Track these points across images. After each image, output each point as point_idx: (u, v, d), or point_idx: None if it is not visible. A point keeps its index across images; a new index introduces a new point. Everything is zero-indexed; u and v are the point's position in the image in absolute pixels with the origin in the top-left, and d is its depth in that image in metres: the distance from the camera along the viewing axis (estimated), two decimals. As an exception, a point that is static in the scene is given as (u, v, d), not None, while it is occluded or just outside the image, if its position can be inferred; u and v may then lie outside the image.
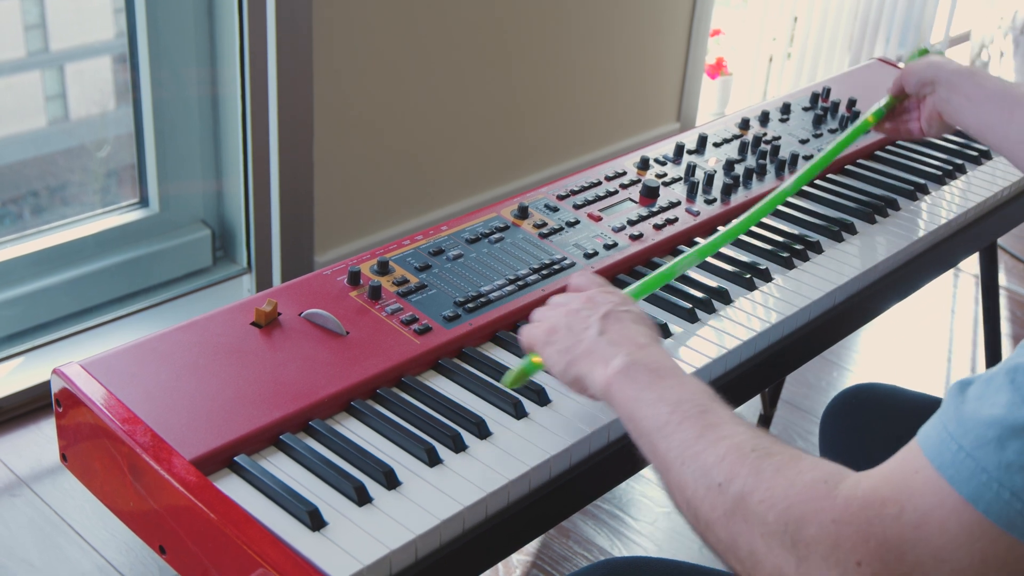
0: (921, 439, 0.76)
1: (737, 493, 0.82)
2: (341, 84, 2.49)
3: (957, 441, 0.72)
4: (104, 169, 2.47)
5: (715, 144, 1.71)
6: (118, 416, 1.08)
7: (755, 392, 1.42)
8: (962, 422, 0.73)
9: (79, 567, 1.89)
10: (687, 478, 0.87)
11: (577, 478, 1.14)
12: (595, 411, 1.16)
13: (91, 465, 1.14)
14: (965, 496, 0.71)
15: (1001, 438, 0.70)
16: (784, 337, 1.36)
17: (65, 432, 1.16)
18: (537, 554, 2.00)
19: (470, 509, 1.04)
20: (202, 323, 1.21)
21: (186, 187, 2.49)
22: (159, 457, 1.04)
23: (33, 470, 2.09)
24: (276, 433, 1.10)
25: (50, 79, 2.42)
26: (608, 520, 2.09)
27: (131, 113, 2.41)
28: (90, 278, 2.36)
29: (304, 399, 1.12)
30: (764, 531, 0.79)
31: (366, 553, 0.97)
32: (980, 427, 0.71)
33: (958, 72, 1.42)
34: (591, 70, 3.10)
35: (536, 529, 1.14)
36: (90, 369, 1.13)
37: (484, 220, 1.44)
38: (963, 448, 0.72)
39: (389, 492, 1.04)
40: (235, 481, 1.05)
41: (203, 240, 2.51)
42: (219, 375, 1.14)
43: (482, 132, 2.87)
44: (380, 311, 1.25)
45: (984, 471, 0.70)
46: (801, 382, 2.54)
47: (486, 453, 1.10)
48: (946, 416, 0.75)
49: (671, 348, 1.28)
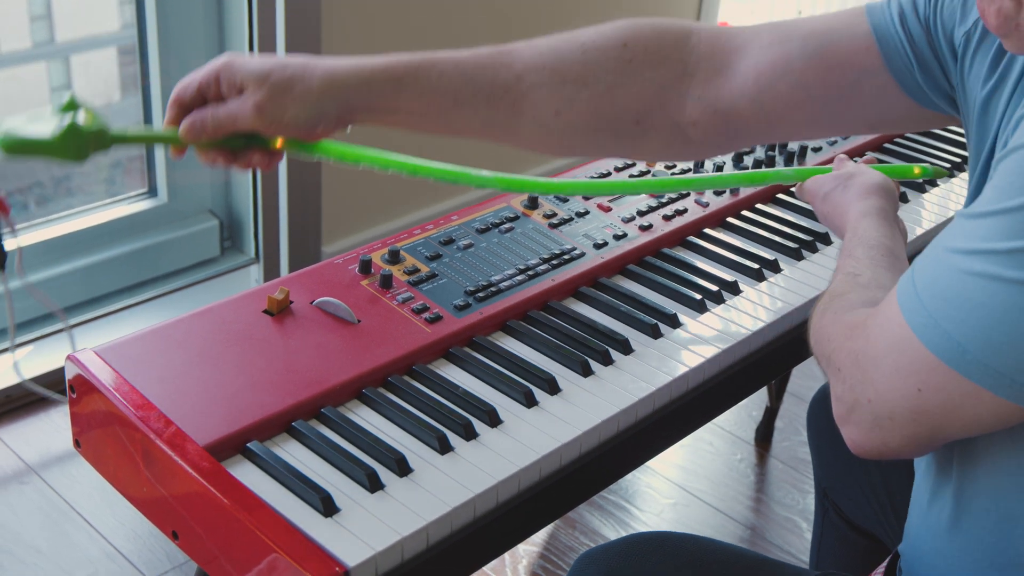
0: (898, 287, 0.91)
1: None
2: (349, 75, 2.50)
3: (918, 291, 0.87)
4: (110, 160, 2.48)
5: (724, 136, 1.71)
6: (132, 402, 1.08)
7: (763, 383, 1.43)
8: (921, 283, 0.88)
9: (87, 554, 1.90)
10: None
11: (586, 467, 1.14)
12: (604, 401, 1.17)
13: (104, 451, 1.14)
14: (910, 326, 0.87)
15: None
16: (792, 328, 1.36)
17: (79, 418, 1.17)
18: (544, 544, 2.01)
19: (481, 497, 1.05)
20: (215, 311, 1.22)
21: (194, 177, 2.49)
22: (172, 443, 1.04)
23: (42, 457, 2.10)
24: (288, 420, 1.10)
25: (56, 70, 2.42)
26: (614, 511, 2.10)
27: (137, 104, 2.42)
28: (98, 267, 2.37)
29: (316, 386, 1.13)
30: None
31: (378, 539, 0.98)
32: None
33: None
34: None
35: (546, 517, 1.15)
36: (104, 356, 1.14)
37: (494, 210, 1.45)
38: (919, 293, 0.87)
39: (401, 479, 1.05)
40: (248, 467, 1.06)
41: (211, 230, 2.52)
42: (232, 362, 1.15)
43: (489, 124, 2.88)
44: (391, 300, 1.26)
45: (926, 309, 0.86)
46: (807, 374, 2.54)
47: (497, 441, 1.11)
48: (915, 270, 0.89)
49: (680, 339, 1.28)
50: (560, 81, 1.05)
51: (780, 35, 1.06)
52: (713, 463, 2.25)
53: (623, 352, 1.25)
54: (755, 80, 1.05)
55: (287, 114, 1.01)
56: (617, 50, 1.06)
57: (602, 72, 1.05)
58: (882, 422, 0.90)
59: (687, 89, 1.06)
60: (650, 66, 1.06)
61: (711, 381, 1.27)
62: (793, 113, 1.06)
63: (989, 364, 0.83)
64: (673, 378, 1.22)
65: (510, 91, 1.05)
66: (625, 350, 1.25)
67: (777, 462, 2.28)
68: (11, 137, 0.98)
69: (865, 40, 1.04)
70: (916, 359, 0.86)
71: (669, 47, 1.07)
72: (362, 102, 1.03)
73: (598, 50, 1.06)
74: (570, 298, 1.34)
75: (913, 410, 0.88)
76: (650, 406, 1.20)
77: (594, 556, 1.14)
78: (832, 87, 1.05)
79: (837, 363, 0.96)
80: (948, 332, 0.84)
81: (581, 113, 1.06)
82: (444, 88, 1.04)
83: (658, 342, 1.27)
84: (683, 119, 1.08)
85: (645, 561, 1.12)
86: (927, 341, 0.85)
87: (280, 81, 1.01)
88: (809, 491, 2.19)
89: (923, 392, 0.87)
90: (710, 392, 1.27)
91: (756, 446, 2.32)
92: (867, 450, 0.93)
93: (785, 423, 2.38)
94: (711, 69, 1.06)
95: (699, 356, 1.26)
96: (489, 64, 1.05)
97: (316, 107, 1.02)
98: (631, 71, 1.06)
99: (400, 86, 1.03)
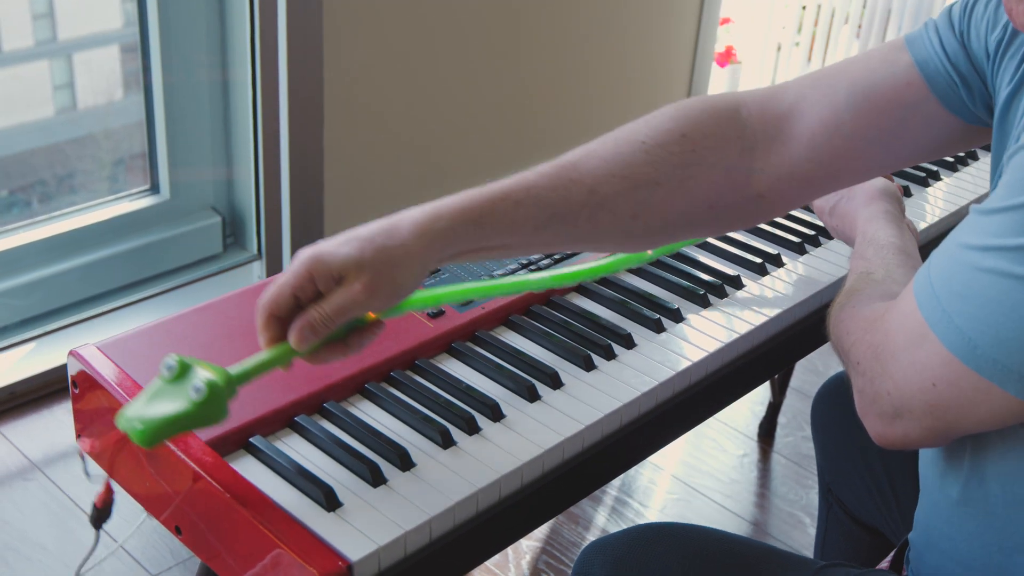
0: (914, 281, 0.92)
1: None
2: (352, 72, 2.50)
3: (933, 286, 0.88)
4: (113, 158, 2.48)
5: (726, 131, 1.71)
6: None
7: (765, 378, 1.43)
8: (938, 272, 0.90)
9: (91, 551, 1.90)
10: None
11: (589, 461, 1.14)
12: (607, 396, 1.17)
13: (107, 446, 1.15)
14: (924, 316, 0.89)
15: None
16: (795, 323, 1.36)
17: (81, 413, 1.17)
18: (547, 540, 2.01)
19: (484, 491, 1.05)
20: (217, 306, 1.22)
21: (197, 174, 2.49)
22: (175, 438, 1.04)
23: (46, 454, 2.10)
24: (291, 415, 1.10)
25: (58, 68, 2.42)
26: (617, 507, 2.10)
27: (139, 102, 2.42)
28: (100, 264, 2.37)
29: (319, 381, 1.13)
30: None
31: (381, 533, 0.98)
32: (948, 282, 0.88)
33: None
34: (600, 58, 3.10)
35: (549, 512, 1.15)
36: (106, 351, 1.14)
37: (496, 205, 1.44)
38: (935, 288, 0.88)
39: (404, 474, 1.05)
40: (251, 462, 1.06)
41: (213, 227, 2.52)
42: (234, 357, 1.14)
43: (492, 120, 2.88)
44: (393, 295, 1.26)
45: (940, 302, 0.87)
46: (810, 370, 2.54)
47: (499, 436, 1.11)
48: (931, 263, 0.91)
49: (682, 333, 1.28)
50: (632, 187, 1.05)
51: (825, 90, 1.07)
52: (716, 459, 2.25)
53: (626, 347, 1.25)
54: (810, 141, 1.06)
55: (396, 285, 0.99)
56: (678, 143, 1.07)
57: (670, 168, 1.06)
58: (902, 414, 0.92)
59: (750, 164, 1.08)
60: (711, 151, 1.07)
61: (714, 375, 1.27)
62: (852, 162, 1.07)
63: (999, 360, 0.84)
64: (676, 372, 1.22)
65: (586, 206, 1.04)
66: (628, 344, 1.25)
67: (780, 458, 2.28)
68: (150, 423, 0.92)
69: (907, 74, 1.06)
70: (931, 354, 0.88)
71: (724, 126, 1.08)
72: (451, 249, 1.01)
73: (660, 147, 1.06)
74: (573, 292, 1.34)
75: (929, 404, 0.89)
76: (653, 400, 1.20)
77: (601, 546, 1.15)
78: (884, 130, 1.06)
79: (856, 357, 0.97)
80: (960, 328, 0.85)
81: (657, 212, 1.07)
82: (523, 219, 1.02)
83: (661, 336, 1.27)
84: (751, 192, 1.09)
85: (652, 551, 1.13)
86: (941, 336, 0.87)
87: (379, 257, 0.98)
88: (812, 487, 2.19)
89: (938, 387, 0.88)
90: (713, 386, 1.27)
91: (759, 442, 2.32)
92: (891, 441, 0.95)
93: (788, 419, 2.38)
94: (767, 139, 1.07)
95: (702, 350, 1.25)
96: (559, 184, 1.04)
97: (420, 269, 0.99)
98: (696, 160, 1.07)
99: (481, 227, 1.01)
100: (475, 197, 1.02)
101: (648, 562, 1.12)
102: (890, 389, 0.92)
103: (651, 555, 1.13)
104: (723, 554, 1.13)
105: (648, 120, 1.09)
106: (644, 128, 1.08)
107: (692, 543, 1.14)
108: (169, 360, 0.94)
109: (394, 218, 1.00)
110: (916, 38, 1.07)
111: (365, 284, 0.96)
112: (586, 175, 1.05)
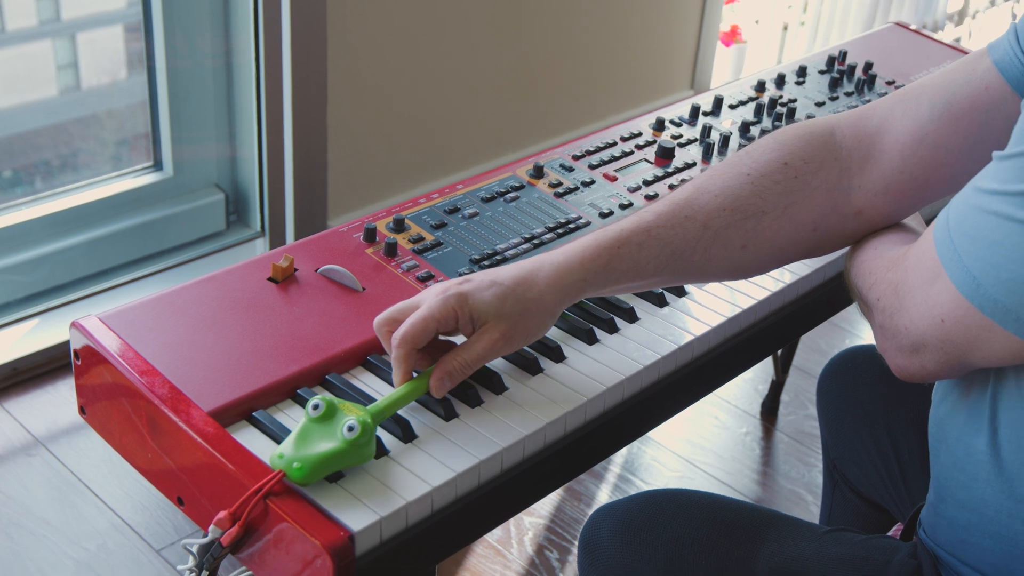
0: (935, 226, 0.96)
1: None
2: (355, 49, 2.49)
3: (949, 227, 0.93)
4: (116, 138, 2.47)
5: (731, 106, 1.71)
6: (136, 368, 1.09)
7: (767, 353, 1.43)
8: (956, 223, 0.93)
9: (95, 525, 1.90)
10: None
11: (591, 434, 1.14)
12: (609, 369, 1.17)
13: (110, 418, 1.15)
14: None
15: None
16: (798, 298, 1.36)
17: (84, 385, 1.17)
18: (550, 517, 2.02)
19: (486, 463, 1.05)
20: (220, 278, 1.21)
21: (200, 151, 2.49)
22: (177, 409, 1.04)
23: (49, 430, 2.10)
24: (293, 387, 1.10)
25: (61, 48, 2.41)
26: (621, 484, 2.10)
27: (143, 82, 2.41)
28: (104, 241, 2.37)
29: (321, 353, 1.13)
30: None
31: (383, 504, 0.98)
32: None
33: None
34: (604, 37, 3.08)
35: (550, 484, 1.15)
36: (108, 322, 1.14)
37: (500, 179, 1.44)
38: (950, 229, 0.92)
39: (405, 445, 1.05)
40: (253, 433, 1.06)
41: (217, 204, 2.52)
42: (236, 329, 1.15)
43: (495, 99, 2.87)
44: (396, 268, 1.26)
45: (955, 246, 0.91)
46: (813, 348, 2.54)
47: (502, 408, 1.11)
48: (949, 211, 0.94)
49: (685, 307, 1.28)
50: (742, 218, 1.11)
51: (910, 104, 1.10)
52: (719, 437, 2.25)
53: (628, 321, 1.25)
54: (899, 154, 1.10)
55: (529, 335, 1.09)
56: (781, 171, 1.12)
57: (774, 196, 1.11)
58: (918, 348, 0.97)
59: (848, 183, 1.12)
60: (812, 175, 1.12)
61: (716, 350, 1.26)
62: (939, 171, 1.10)
63: (999, 300, 0.89)
64: (678, 346, 1.22)
65: (700, 241, 1.10)
66: (630, 319, 1.25)
67: (783, 436, 2.28)
68: (307, 461, 0.97)
69: (985, 77, 1.07)
70: (942, 291, 0.93)
71: (821, 150, 1.12)
72: (580, 297, 1.11)
73: (764, 176, 1.12)
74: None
75: (940, 339, 0.95)
76: (655, 374, 1.20)
77: (609, 510, 1.16)
78: (966, 136, 1.08)
79: (877, 293, 1.03)
80: (968, 267, 0.90)
81: (765, 240, 1.12)
82: (645, 260, 1.10)
83: (663, 311, 1.27)
84: (850, 210, 1.13)
85: (660, 515, 1.14)
86: (951, 275, 0.92)
87: (517, 308, 1.08)
88: (815, 464, 2.19)
89: (946, 323, 0.93)
90: (715, 361, 1.26)
91: (762, 420, 2.32)
92: (911, 373, 1.00)
93: (791, 397, 2.38)
94: (861, 157, 1.12)
95: (704, 324, 1.25)
96: (676, 222, 1.11)
97: (551, 319, 1.10)
98: (798, 186, 1.12)
99: (608, 273, 1.10)
100: (601, 244, 1.10)
101: (656, 526, 1.13)
102: (906, 324, 0.97)
103: (659, 519, 1.13)
104: (730, 519, 1.14)
105: (749, 151, 1.14)
106: (747, 160, 1.13)
107: (700, 508, 1.15)
108: (316, 400, 1.00)
109: (529, 267, 1.09)
110: (996, 42, 1.09)
111: (503, 333, 1.07)
112: (699, 211, 1.11)
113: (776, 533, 1.13)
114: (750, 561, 1.11)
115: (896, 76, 1.85)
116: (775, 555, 1.12)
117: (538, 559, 1.93)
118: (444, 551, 1.06)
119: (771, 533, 1.13)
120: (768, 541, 1.13)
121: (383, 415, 1.04)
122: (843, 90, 1.79)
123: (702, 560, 1.12)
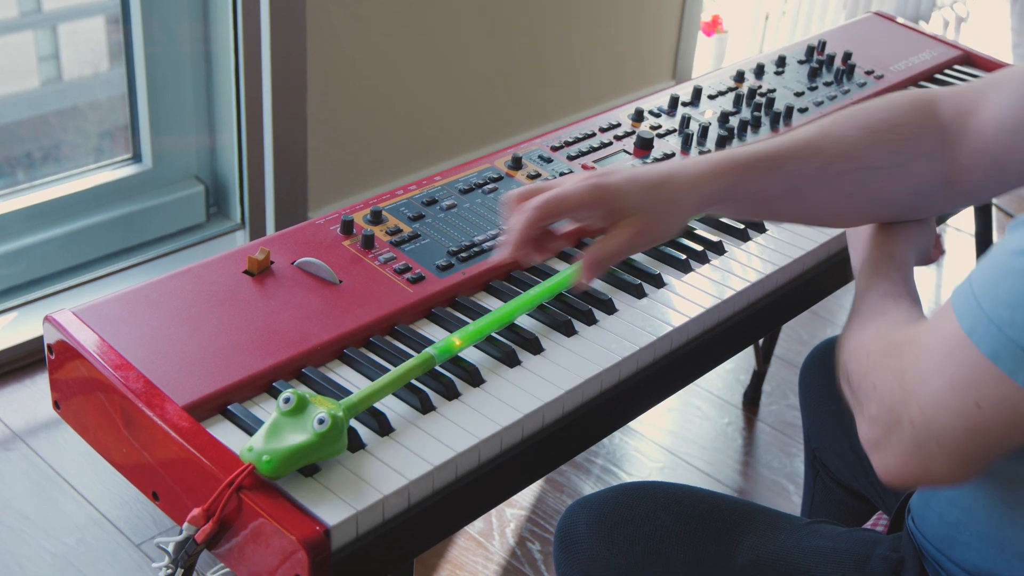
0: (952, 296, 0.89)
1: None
2: (335, 39, 2.48)
3: (976, 297, 0.84)
4: (98, 130, 2.46)
5: (710, 96, 1.70)
6: (110, 363, 1.08)
7: (747, 343, 1.42)
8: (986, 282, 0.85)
9: (74, 519, 1.89)
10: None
11: (570, 426, 1.14)
12: (588, 360, 1.16)
13: (84, 412, 1.14)
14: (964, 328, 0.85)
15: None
16: (777, 288, 1.36)
17: (58, 380, 1.16)
18: (531, 508, 2.01)
19: (463, 456, 1.04)
20: (195, 271, 1.21)
21: (179, 143, 2.48)
22: (152, 403, 1.04)
23: (28, 424, 2.09)
24: (269, 380, 1.10)
25: (43, 40, 2.40)
26: (602, 475, 2.10)
27: (124, 73, 2.39)
28: (83, 233, 2.35)
29: (297, 346, 1.12)
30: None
31: (359, 498, 0.97)
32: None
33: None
34: (587, 27, 3.08)
35: (529, 476, 1.15)
36: (82, 316, 1.13)
37: (478, 171, 1.43)
38: (978, 300, 0.84)
39: (382, 439, 1.05)
40: (228, 427, 1.05)
41: (197, 196, 2.51)
42: (212, 323, 1.14)
43: (477, 89, 2.86)
44: (373, 260, 1.25)
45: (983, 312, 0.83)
46: (794, 339, 2.54)
47: (479, 401, 1.10)
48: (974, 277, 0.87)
49: (665, 298, 1.28)
50: (856, 167, 1.11)
51: (998, 88, 1.11)
52: (701, 427, 2.25)
53: (607, 312, 1.24)
54: (982, 136, 1.10)
55: (663, 234, 1.08)
56: (893, 131, 1.12)
57: (886, 153, 1.12)
58: (926, 445, 0.87)
59: (946, 153, 1.12)
60: (919, 140, 1.12)
61: (695, 340, 1.26)
62: (1016, 155, 1.09)
63: None
64: (657, 337, 1.21)
65: (815, 180, 1.11)
66: (609, 310, 1.24)
67: (765, 426, 2.28)
68: (276, 454, 0.96)
69: None
70: (975, 370, 0.83)
71: (928, 118, 1.13)
72: (707, 210, 1.10)
73: (879, 132, 1.12)
74: (553, 259, 1.33)
75: (968, 428, 0.84)
76: (633, 365, 1.19)
77: (585, 503, 1.15)
78: None
79: (873, 381, 0.93)
80: (1013, 339, 0.81)
81: (871, 193, 1.12)
82: (768, 187, 1.10)
83: (642, 302, 1.27)
84: (945, 180, 1.13)
85: (637, 508, 1.13)
86: (987, 350, 0.82)
87: (658, 207, 1.06)
88: (796, 455, 2.19)
89: (982, 407, 0.83)
90: (695, 351, 1.26)
91: (744, 410, 2.32)
92: (904, 476, 0.90)
93: (773, 387, 2.38)
94: (957, 131, 1.12)
95: (683, 315, 1.25)
96: (803, 158, 1.11)
97: (683, 222, 1.09)
98: (907, 149, 1.12)
99: (736, 189, 1.09)
100: (734, 161, 1.09)
101: (633, 519, 1.13)
102: (914, 416, 0.87)
103: (636, 512, 1.13)
104: (708, 511, 1.14)
105: (865, 108, 1.15)
106: (864, 115, 1.14)
107: (677, 501, 1.14)
108: (287, 394, 0.99)
109: (665, 170, 1.08)
110: None
111: (643, 227, 1.05)
112: (821, 152, 1.11)
113: (755, 526, 1.13)
114: (729, 555, 1.11)
115: (875, 66, 1.85)
116: (754, 548, 1.12)
117: (520, 551, 1.92)
118: (422, 545, 1.06)
119: (750, 526, 1.13)
120: (747, 534, 1.13)
121: (357, 409, 1.03)
122: (822, 80, 1.78)
123: (680, 553, 1.12)
